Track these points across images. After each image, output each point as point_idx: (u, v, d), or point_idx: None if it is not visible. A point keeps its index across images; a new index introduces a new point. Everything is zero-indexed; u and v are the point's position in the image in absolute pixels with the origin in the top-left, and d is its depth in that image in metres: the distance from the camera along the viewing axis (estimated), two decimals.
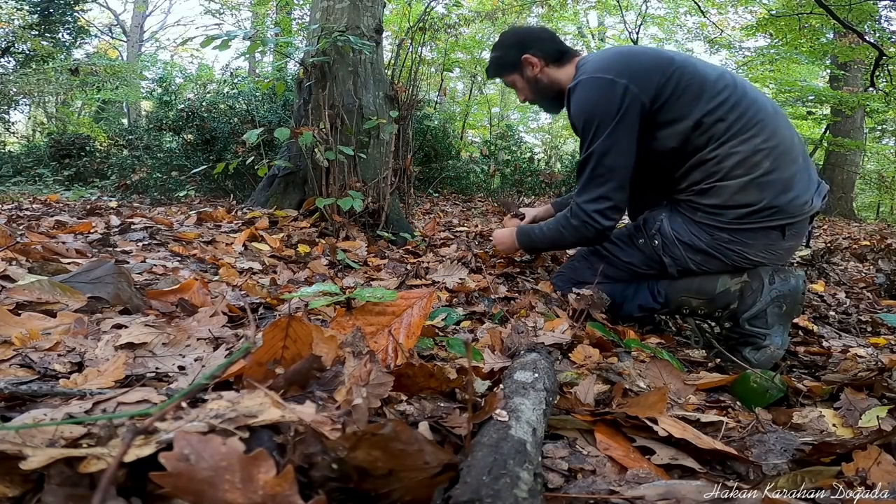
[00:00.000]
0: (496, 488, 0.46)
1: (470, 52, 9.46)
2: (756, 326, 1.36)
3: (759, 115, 1.28)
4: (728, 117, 1.27)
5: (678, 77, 1.28)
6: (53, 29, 9.64)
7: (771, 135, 1.27)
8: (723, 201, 1.30)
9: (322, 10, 2.63)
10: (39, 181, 6.28)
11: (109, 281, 1.03)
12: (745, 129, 1.27)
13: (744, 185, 1.27)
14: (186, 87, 6.16)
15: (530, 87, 1.58)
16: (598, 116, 1.31)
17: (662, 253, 1.42)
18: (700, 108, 1.27)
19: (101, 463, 0.42)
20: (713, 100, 1.27)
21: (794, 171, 1.28)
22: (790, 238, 1.34)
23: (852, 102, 7.32)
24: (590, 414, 0.74)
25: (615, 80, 1.29)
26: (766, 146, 1.26)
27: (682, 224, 1.39)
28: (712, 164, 1.29)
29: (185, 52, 15.51)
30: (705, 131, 1.28)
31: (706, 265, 1.40)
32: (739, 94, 1.29)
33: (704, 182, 1.32)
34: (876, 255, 3.28)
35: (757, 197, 1.27)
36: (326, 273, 1.71)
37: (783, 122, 1.32)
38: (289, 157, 2.57)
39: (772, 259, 1.38)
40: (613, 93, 1.29)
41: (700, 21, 9.69)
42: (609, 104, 1.29)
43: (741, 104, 1.28)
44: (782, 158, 1.27)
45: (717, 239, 1.34)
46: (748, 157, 1.26)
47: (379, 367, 0.63)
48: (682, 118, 1.29)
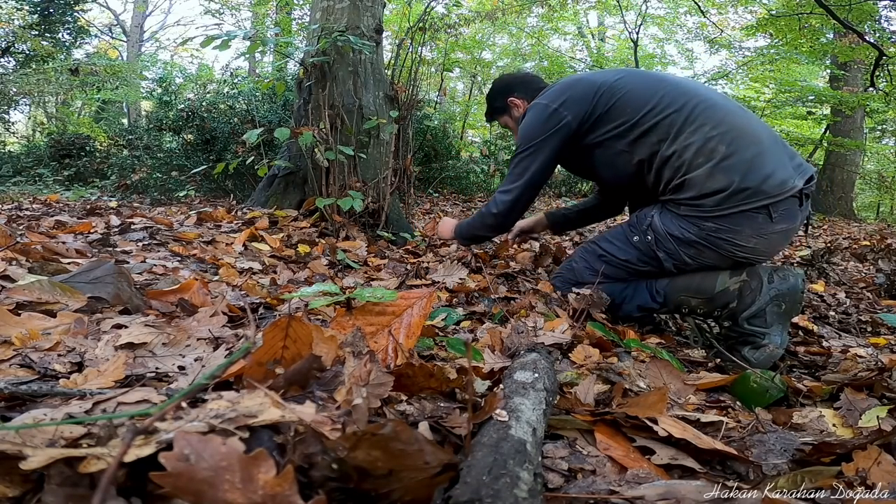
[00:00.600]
0: (496, 488, 0.46)
1: (470, 52, 9.47)
2: (755, 325, 1.36)
3: (701, 108, 1.37)
4: (668, 114, 1.38)
5: (608, 95, 1.46)
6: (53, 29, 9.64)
7: (718, 122, 1.35)
8: (697, 191, 1.35)
9: (322, 10, 2.63)
10: (39, 181, 6.28)
11: (109, 281, 1.03)
12: (691, 122, 1.36)
13: (709, 171, 1.32)
14: (186, 87, 6.15)
15: (517, 126, 1.72)
16: (530, 132, 1.53)
17: (656, 248, 1.45)
18: (634, 113, 1.42)
19: (101, 463, 0.42)
20: (646, 104, 1.41)
21: (756, 152, 1.32)
22: (780, 220, 1.33)
23: (852, 102, 7.32)
24: (590, 414, 0.74)
25: (549, 104, 1.51)
26: (716, 132, 1.33)
27: (671, 219, 1.42)
28: (675, 160, 1.37)
29: (185, 52, 15.52)
30: (651, 131, 1.40)
31: (701, 258, 1.41)
32: (676, 94, 1.40)
33: (675, 178, 1.38)
34: (876, 255, 3.28)
35: (725, 181, 1.31)
36: (326, 273, 1.71)
37: (733, 111, 1.39)
38: (289, 157, 2.57)
39: (766, 246, 1.36)
40: (545, 115, 1.51)
41: (700, 21, 9.69)
42: (539, 123, 1.51)
43: (678, 101, 1.39)
44: (738, 141, 1.33)
45: (704, 230, 1.36)
46: (703, 145, 1.34)
47: (379, 367, 0.63)
48: (621, 124, 1.44)
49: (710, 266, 1.42)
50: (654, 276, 1.50)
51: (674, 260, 1.44)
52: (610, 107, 1.45)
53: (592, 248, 1.58)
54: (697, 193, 1.34)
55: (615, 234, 1.55)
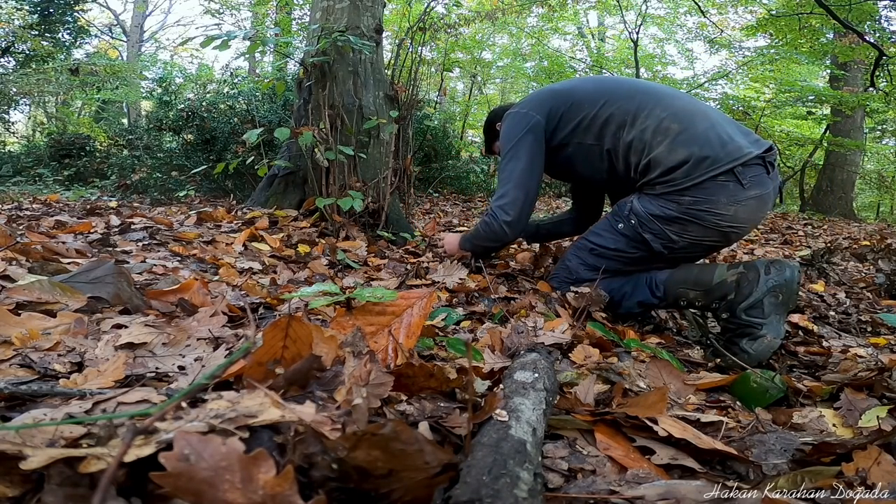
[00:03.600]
0: (496, 488, 0.46)
1: (470, 52, 9.46)
2: (752, 316, 1.38)
3: (649, 96, 1.51)
4: (620, 105, 1.51)
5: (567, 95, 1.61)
6: (53, 29, 9.63)
7: (666, 106, 1.48)
8: (664, 167, 1.43)
9: (322, 10, 2.63)
10: (39, 181, 6.28)
11: (109, 281, 1.03)
12: (642, 109, 1.49)
13: (669, 147, 1.43)
14: (186, 87, 6.15)
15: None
16: (508, 138, 1.64)
17: (642, 230, 1.49)
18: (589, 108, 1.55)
19: (101, 463, 0.42)
20: (599, 99, 1.55)
21: (707, 125, 1.44)
22: (750, 186, 1.41)
23: (852, 102, 7.31)
24: (590, 414, 0.74)
25: (518, 111, 1.65)
26: (666, 113, 1.46)
27: (649, 200, 1.49)
28: (637, 143, 1.48)
29: (185, 52, 15.52)
30: (609, 121, 1.52)
31: (687, 233, 1.46)
32: (625, 89, 1.56)
33: (642, 160, 1.47)
34: (876, 255, 3.28)
35: (686, 153, 1.41)
36: (326, 273, 1.71)
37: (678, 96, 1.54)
38: (289, 157, 2.57)
39: (746, 213, 1.43)
40: (519, 120, 1.63)
41: (700, 21, 9.69)
42: (516, 128, 1.62)
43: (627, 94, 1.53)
44: (687, 119, 1.45)
45: (683, 204, 1.43)
46: (658, 125, 1.45)
47: (379, 367, 0.63)
48: (581, 119, 1.57)
49: (699, 241, 1.47)
50: (647, 261, 1.53)
51: (661, 240, 1.48)
52: (570, 105, 1.58)
53: (583, 243, 1.61)
54: (665, 168, 1.43)
55: (601, 226, 1.60)
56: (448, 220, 3.76)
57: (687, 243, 1.47)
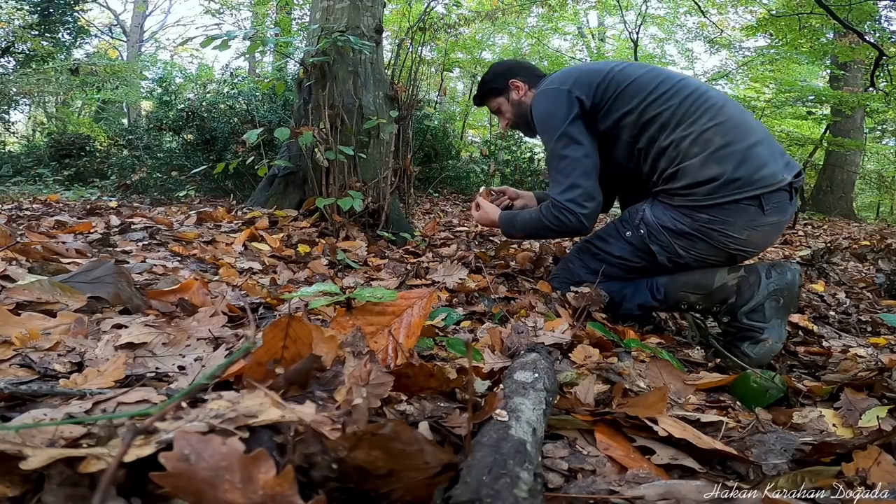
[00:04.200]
0: (496, 488, 0.46)
1: (470, 52, 9.47)
2: (754, 320, 1.37)
3: (701, 101, 1.41)
4: (670, 105, 1.41)
5: (616, 81, 1.47)
6: (53, 29, 9.64)
7: (716, 114, 1.39)
8: (691, 180, 1.37)
9: (322, 10, 2.63)
10: (39, 181, 6.28)
11: (109, 281, 1.03)
12: (691, 113, 1.39)
13: (703, 160, 1.35)
14: (186, 87, 6.15)
15: (514, 108, 1.74)
16: (552, 118, 1.50)
17: (650, 241, 1.45)
18: (639, 102, 1.43)
19: (101, 463, 0.42)
20: (651, 94, 1.43)
21: (750, 144, 1.36)
22: (771, 213, 1.36)
23: (852, 102, 7.31)
24: (590, 414, 0.74)
25: (560, 87, 1.50)
26: (713, 123, 1.37)
27: (663, 211, 1.44)
28: (671, 150, 1.40)
29: (185, 52, 15.51)
30: (653, 120, 1.42)
31: (695, 250, 1.42)
32: (678, 88, 1.44)
33: (670, 167, 1.40)
34: (876, 255, 3.28)
35: (719, 170, 1.34)
36: (326, 273, 1.71)
37: (732, 105, 1.44)
38: (289, 157, 2.57)
39: (758, 238, 1.39)
40: (560, 98, 1.50)
41: (700, 21, 9.69)
42: (558, 107, 1.49)
43: (680, 94, 1.43)
44: (733, 132, 1.36)
45: (697, 220, 1.38)
46: (700, 135, 1.37)
47: (379, 367, 0.63)
48: (625, 113, 1.45)
49: (704, 259, 1.44)
50: (649, 272, 1.51)
51: (668, 253, 1.44)
52: (618, 94, 1.46)
53: (587, 246, 1.59)
54: (691, 182, 1.37)
55: (608, 231, 1.56)
56: (448, 220, 3.76)
57: (692, 259, 1.44)
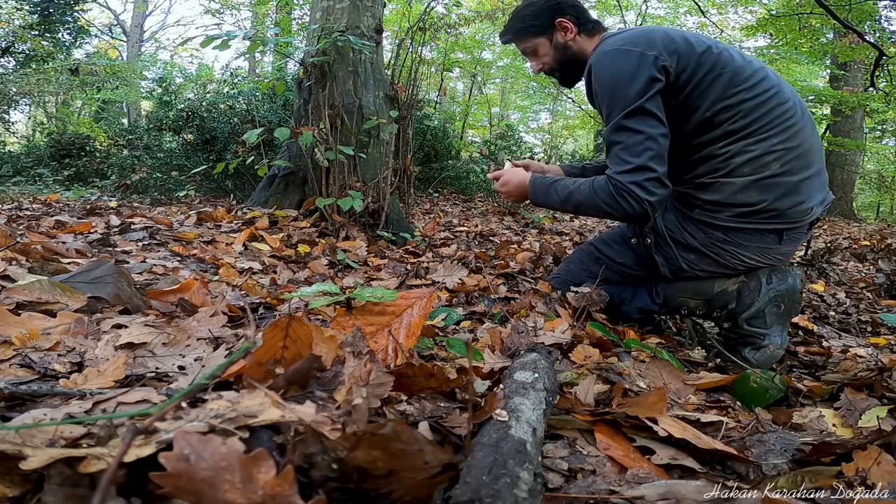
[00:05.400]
0: (496, 488, 0.46)
1: (470, 52, 9.46)
2: (755, 326, 1.36)
3: (783, 118, 1.24)
4: (752, 115, 1.23)
5: (712, 63, 1.23)
6: (53, 29, 9.65)
7: (790, 137, 1.23)
8: (723, 198, 1.27)
9: (322, 10, 2.63)
10: (39, 181, 6.28)
11: (109, 281, 1.03)
12: (766, 129, 1.22)
13: (748, 184, 1.24)
14: (186, 87, 6.15)
15: (557, 53, 1.46)
16: (627, 87, 1.23)
17: (655, 252, 1.40)
18: (722, 97, 1.23)
19: (101, 463, 0.42)
20: (740, 92, 1.22)
21: (804, 177, 1.25)
22: (787, 243, 1.31)
23: (852, 102, 7.31)
24: (590, 414, 0.74)
25: (644, 52, 1.23)
26: (781, 148, 1.22)
27: (675, 221, 1.37)
28: (720, 161, 1.26)
29: (185, 52, 15.52)
30: (722, 124, 1.24)
31: (699, 265, 1.37)
32: (773, 93, 1.24)
33: (708, 176, 1.28)
34: (876, 255, 3.28)
35: (758, 198, 1.24)
36: (326, 273, 1.71)
37: (809, 128, 1.28)
38: (289, 157, 2.57)
39: (766, 262, 1.36)
40: (644, 64, 1.22)
41: (700, 21, 9.68)
42: (639, 74, 1.22)
43: (771, 103, 1.24)
44: (796, 162, 1.24)
45: (711, 238, 1.32)
46: (759, 156, 1.22)
47: (379, 367, 0.63)
48: (700, 105, 1.24)
49: (705, 275, 1.40)
50: (647, 281, 1.49)
51: (671, 266, 1.40)
52: (712, 79, 1.23)
53: (590, 249, 1.56)
54: (722, 200, 1.27)
55: (613, 235, 1.53)
56: (448, 220, 3.76)
57: (694, 274, 1.40)
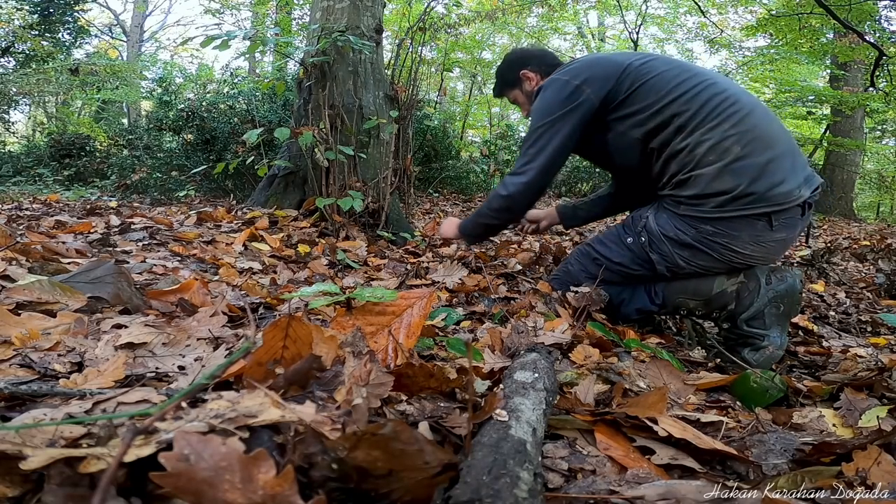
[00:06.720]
0: (496, 488, 0.46)
1: (470, 52, 9.46)
2: (754, 327, 1.36)
3: (727, 104, 1.31)
4: (691, 107, 1.32)
5: (634, 76, 1.38)
6: (53, 29, 9.64)
7: (740, 121, 1.29)
8: (701, 190, 1.31)
9: (322, 10, 2.63)
10: (39, 181, 6.28)
11: (109, 281, 1.03)
12: (713, 118, 1.30)
13: (718, 171, 1.28)
14: (186, 87, 6.15)
15: (529, 100, 1.65)
16: (547, 108, 1.43)
17: (650, 250, 1.41)
18: (657, 99, 1.35)
19: (101, 463, 0.42)
20: (671, 92, 1.34)
21: (770, 158, 1.28)
22: (779, 229, 1.30)
23: (852, 102, 7.31)
24: (590, 414, 0.74)
25: (569, 80, 1.42)
26: (735, 131, 1.28)
27: (667, 219, 1.39)
28: (685, 154, 1.32)
29: (185, 52, 15.51)
30: (670, 121, 1.34)
31: (695, 261, 1.37)
32: (705, 86, 1.34)
33: (681, 173, 1.34)
34: (876, 255, 3.28)
35: (732, 183, 1.27)
36: (326, 273, 1.71)
37: (760, 112, 1.34)
38: (289, 157, 2.57)
39: (763, 253, 1.34)
40: (566, 91, 1.42)
41: (700, 21, 9.69)
42: (559, 99, 1.42)
43: (704, 95, 1.33)
44: (754, 144, 1.28)
45: (701, 232, 1.33)
46: (718, 142, 1.28)
47: (379, 367, 0.63)
48: (642, 109, 1.37)
49: (704, 270, 1.39)
50: (648, 280, 1.48)
51: (667, 263, 1.40)
52: (635, 90, 1.37)
53: (587, 250, 1.56)
54: (700, 192, 1.31)
55: (609, 235, 1.53)
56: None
57: (692, 270, 1.40)
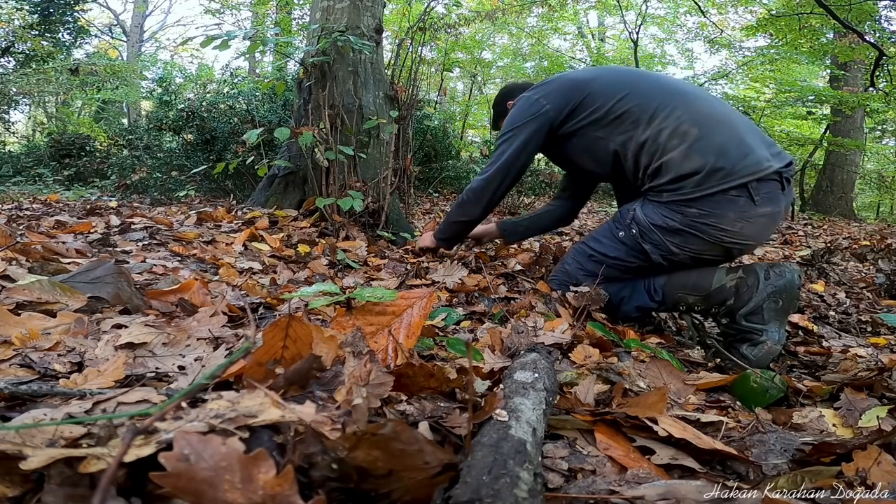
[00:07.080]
0: (496, 488, 0.46)
1: (470, 52, 9.46)
2: (753, 322, 1.37)
3: (671, 96, 1.44)
4: (639, 102, 1.45)
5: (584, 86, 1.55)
6: (53, 29, 9.65)
7: (687, 107, 1.41)
8: (675, 174, 1.38)
9: (322, 10, 2.63)
10: (39, 181, 6.28)
11: (109, 281, 1.03)
12: (662, 108, 1.42)
13: (684, 152, 1.37)
14: (186, 87, 6.14)
15: None
16: (512, 121, 1.62)
17: (642, 241, 1.45)
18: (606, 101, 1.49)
19: (101, 463, 0.42)
20: (618, 93, 1.48)
21: (727, 135, 1.37)
22: (763, 203, 1.34)
23: (852, 102, 7.31)
24: (590, 414, 0.74)
25: (531, 95, 1.61)
26: (687, 116, 1.39)
27: (653, 209, 1.44)
28: (650, 144, 1.42)
29: (185, 52, 15.50)
30: (623, 117, 1.46)
31: (688, 246, 1.41)
32: (647, 84, 1.49)
33: (653, 162, 1.42)
34: (876, 255, 3.28)
35: (700, 161, 1.35)
36: (326, 273, 1.71)
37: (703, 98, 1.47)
38: (289, 157, 2.57)
39: (752, 231, 1.37)
40: (529, 106, 1.59)
41: (700, 21, 9.68)
42: (523, 114, 1.59)
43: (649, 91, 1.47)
44: (708, 125, 1.38)
45: (688, 216, 1.37)
46: (676, 128, 1.39)
47: (379, 367, 0.63)
48: (594, 111, 1.51)
49: (699, 255, 1.42)
50: (646, 271, 1.50)
51: (661, 251, 1.44)
52: (586, 96, 1.52)
53: (582, 248, 1.58)
54: (675, 175, 1.37)
55: (602, 231, 1.57)
56: None
57: (687, 256, 1.43)
